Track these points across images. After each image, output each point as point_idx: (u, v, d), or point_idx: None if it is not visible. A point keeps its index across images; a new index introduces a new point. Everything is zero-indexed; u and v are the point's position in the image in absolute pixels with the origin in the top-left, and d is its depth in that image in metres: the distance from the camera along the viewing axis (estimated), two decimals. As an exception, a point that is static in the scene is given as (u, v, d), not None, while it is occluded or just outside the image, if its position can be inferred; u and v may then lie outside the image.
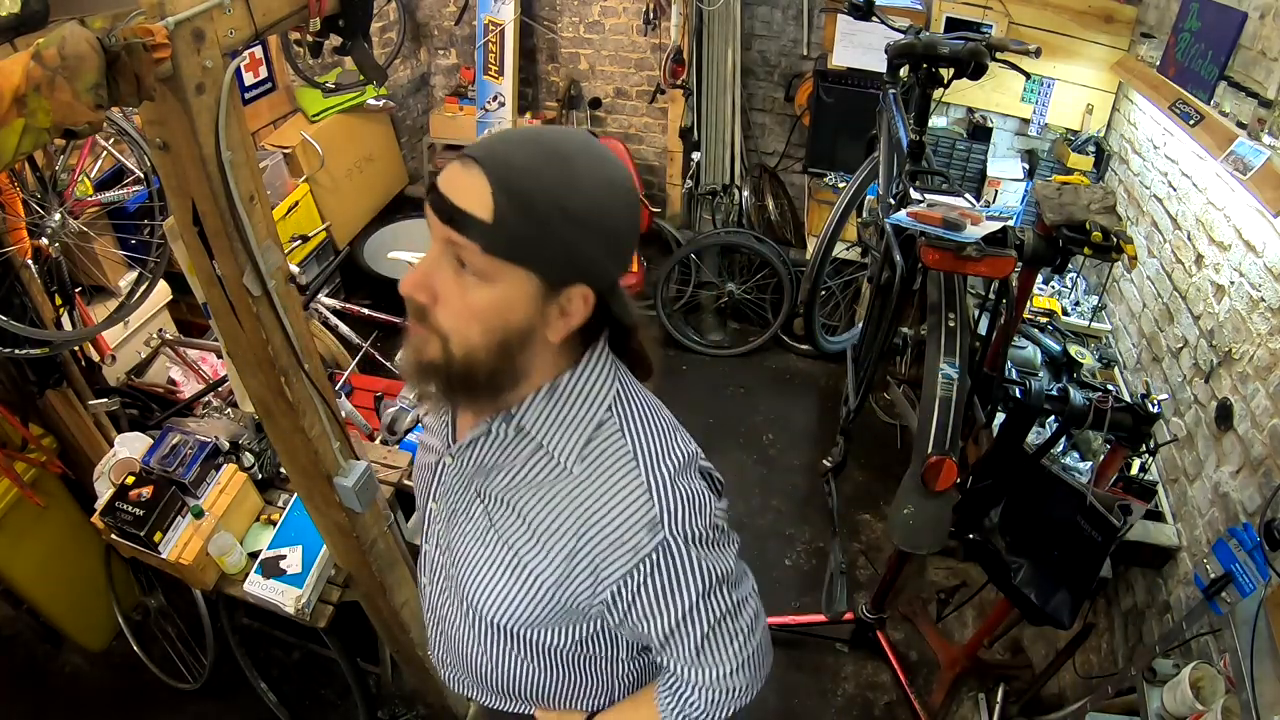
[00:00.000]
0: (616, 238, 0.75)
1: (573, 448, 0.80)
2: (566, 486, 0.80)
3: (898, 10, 2.83)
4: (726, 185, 3.71)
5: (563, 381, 0.81)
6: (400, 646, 1.86)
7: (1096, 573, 1.61)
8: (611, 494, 0.78)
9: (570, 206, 0.70)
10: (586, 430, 0.80)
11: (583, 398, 0.81)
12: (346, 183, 3.53)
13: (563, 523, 0.80)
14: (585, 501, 0.79)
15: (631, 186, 0.77)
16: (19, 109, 0.75)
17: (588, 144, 0.75)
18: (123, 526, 1.69)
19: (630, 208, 0.76)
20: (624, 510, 0.78)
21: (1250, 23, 1.87)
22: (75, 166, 2.03)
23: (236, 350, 1.19)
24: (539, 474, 0.82)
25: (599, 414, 0.81)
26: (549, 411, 0.81)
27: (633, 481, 0.78)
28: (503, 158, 0.70)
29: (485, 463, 0.86)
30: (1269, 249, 1.73)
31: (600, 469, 0.79)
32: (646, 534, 0.77)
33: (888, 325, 2.04)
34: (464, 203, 0.69)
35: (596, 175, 0.72)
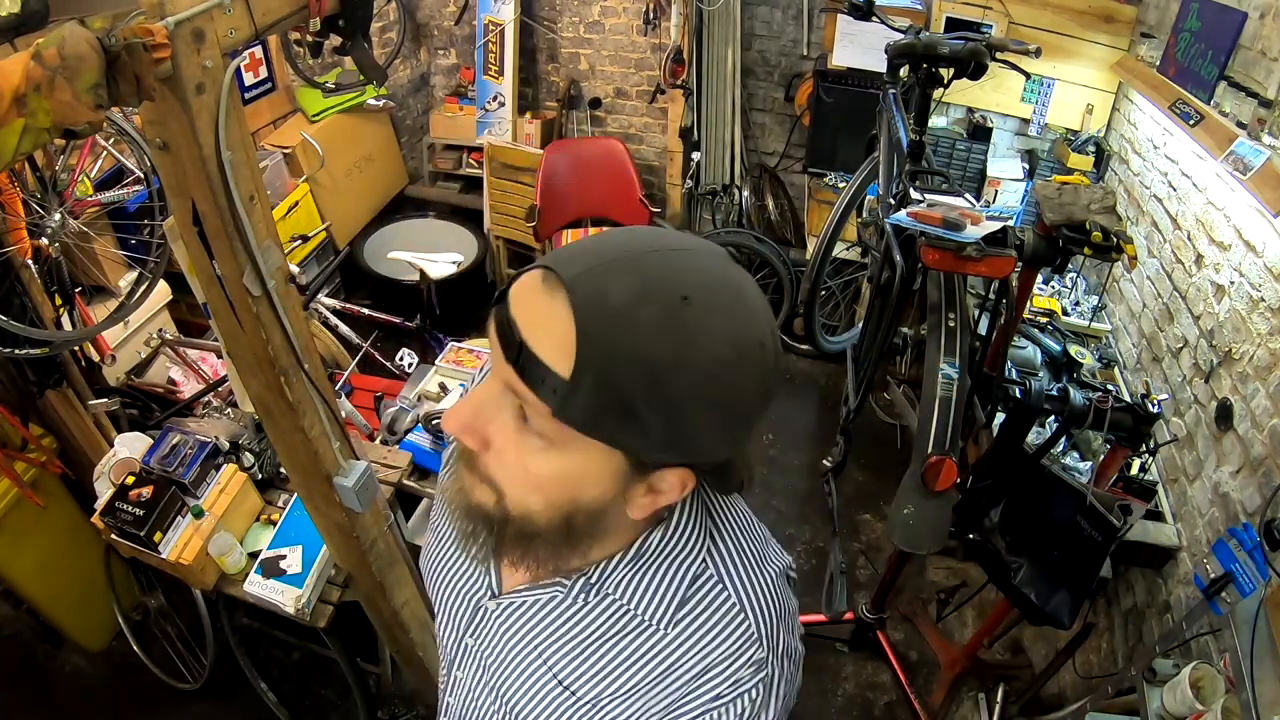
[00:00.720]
0: (741, 415, 0.57)
1: (668, 609, 0.68)
2: (663, 646, 0.69)
3: (898, 10, 2.83)
4: (726, 185, 3.71)
5: (651, 544, 0.68)
6: (400, 646, 1.86)
7: (1096, 573, 1.61)
8: (721, 647, 0.68)
9: (681, 378, 0.52)
10: (681, 589, 0.68)
11: (675, 558, 0.68)
12: (346, 183, 3.53)
13: (663, 680, 0.69)
14: (691, 658, 0.69)
15: (769, 341, 0.57)
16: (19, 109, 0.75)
17: (717, 276, 0.56)
18: (123, 526, 1.69)
19: (765, 373, 0.57)
20: (734, 659, 0.68)
21: (1250, 23, 1.87)
22: (75, 166, 2.03)
23: (236, 350, 1.19)
24: (627, 636, 0.70)
25: (693, 570, 0.69)
26: (635, 575, 0.68)
27: (744, 631, 0.68)
28: (597, 291, 0.52)
29: (550, 622, 0.73)
30: (1269, 249, 1.73)
31: (705, 624, 0.68)
32: (752, 672, 0.68)
33: (888, 325, 2.04)
34: (537, 344, 0.53)
35: (722, 331, 0.54)
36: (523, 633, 0.74)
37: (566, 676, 0.72)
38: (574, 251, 0.56)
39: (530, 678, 0.75)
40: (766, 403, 0.59)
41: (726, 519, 0.72)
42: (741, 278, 0.58)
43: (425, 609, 1.82)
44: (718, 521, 0.71)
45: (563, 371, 0.52)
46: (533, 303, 0.54)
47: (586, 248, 0.56)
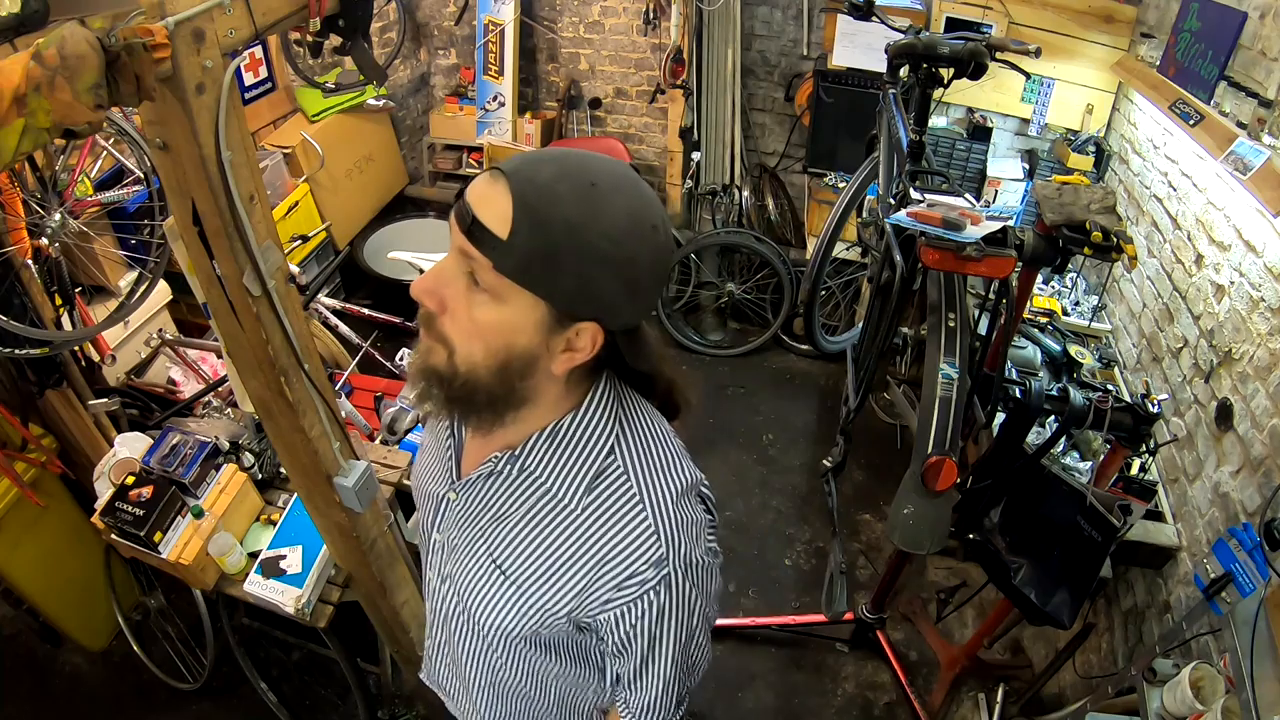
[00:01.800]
0: (635, 279, 0.72)
1: (578, 489, 0.81)
2: (574, 527, 0.81)
3: (898, 10, 2.83)
4: (726, 185, 3.71)
5: (565, 425, 0.82)
6: (400, 646, 1.86)
7: (1096, 573, 1.61)
8: (621, 535, 0.80)
9: (589, 238, 0.68)
10: (590, 472, 0.81)
11: (584, 441, 0.81)
12: (346, 183, 3.53)
13: (572, 562, 0.81)
14: (595, 542, 0.80)
15: (660, 226, 0.73)
16: (19, 109, 0.75)
17: (620, 175, 0.72)
18: (123, 526, 1.69)
19: (656, 250, 0.72)
20: (633, 550, 0.79)
21: (1250, 23, 1.87)
22: (75, 166, 2.03)
23: (236, 350, 1.19)
24: (545, 514, 0.83)
25: (601, 456, 0.81)
26: (552, 454, 0.82)
27: (641, 523, 0.79)
28: (528, 175, 0.68)
29: (490, 502, 0.87)
30: (1269, 249, 1.73)
31: (608, 511, 0.80)
32: (653, 570, 0.79)
33: (888, 325, 2.04)
34: (484, 216, 0.68)
35: (621, 208, 0.69)
36: (470, 518, 0.90)
37: (499, 556, 0.86)
38: (514, 157, 0.72)
39: (474, 560, 0.89)
40: (660, 281, 0.76)
41: (639, 425, 0.85)
42: (641, 183, 0.74)
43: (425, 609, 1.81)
44: (630, 423, 0.84)
45: (501, 233, 0.68)
46: (482, 189, 0.70)
47: (524, 156, 0.72)
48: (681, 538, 0.80)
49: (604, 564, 0.80)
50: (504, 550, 0.86)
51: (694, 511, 0.83)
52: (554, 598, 0.83)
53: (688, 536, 0.81)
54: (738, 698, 2.36)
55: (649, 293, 0.75)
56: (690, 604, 0.83)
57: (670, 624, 0.82)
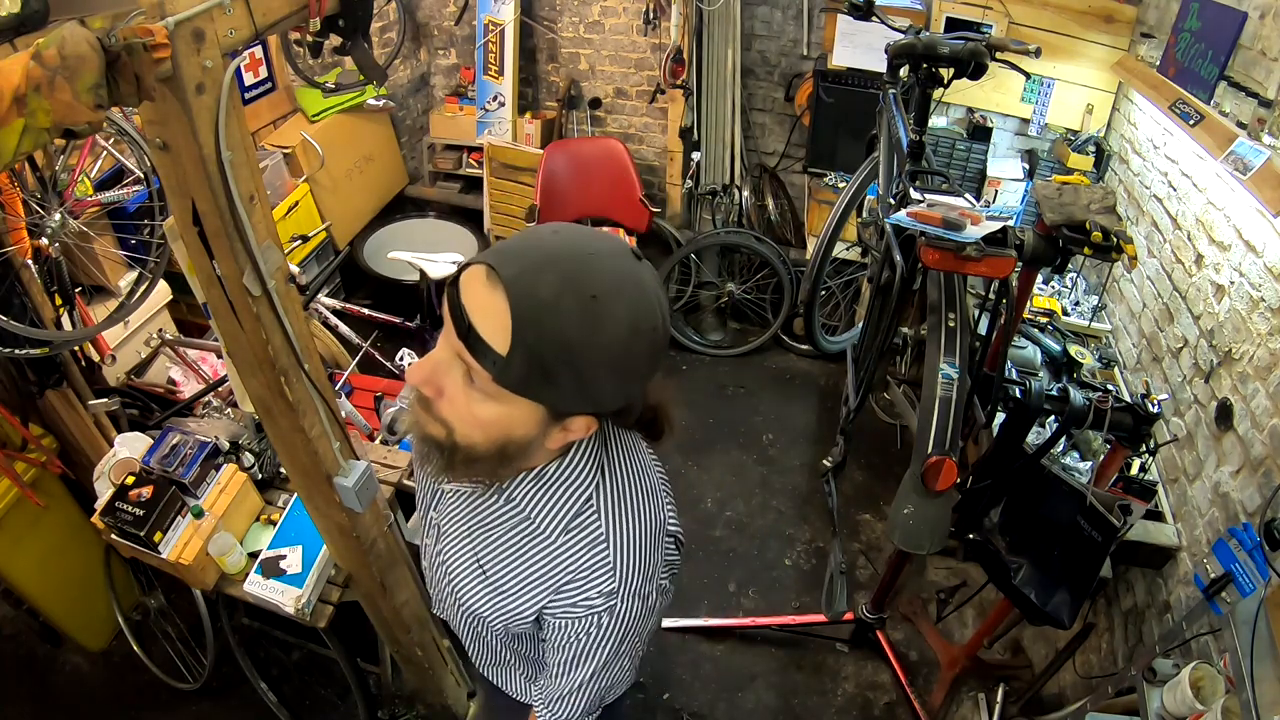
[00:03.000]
0: (635, 376, 0.78)
1: (557, 524, 0.89)
2: (548, 553, 0.90)
3: (898, 10, 2.83)
4: (726, 185, 3.71)
5: (550, 470, 0.88)
6: (400, 646, 1.86)
7: (1096, 573, 1.61)
8: (585, 567, 0.88)
9: (589, 354, 0.70)
10: (569, 513, 0.89)
11: (567, 486, 0.89)
12: (346, 183, 3.53)
13: (542, 580, 0.91)
14: (563, 568, 0.89)
15: (660, 325, 0.75)
16: (19, 109, 0.75)
17: (623, 276, 0.72)
18: (123, 526, 1.69)
19: (652, 348, 0.76)
20: (592, 580, 0.88)
21: (1250, 23, 1.87)
22: (75, 166, 2.03)
23: (236, 350, 1.19)
24: (524, 538, 0.92)
25: (580, 500, 0.89)
26: (536, 492, 0.89)
27: (602, 562, 0.88)
28: (529, 288, 0.68)
29: (477, 511, 0.96)
30: (1269, 249, 1.73)
31: (577, 546, 0.88)
32: (603, 600, 0.88)
33: (888, 325, 2.04)
34: (482, 327, 0.70)
35: (622, 320, 0.71)
36: (459, 516, 0.98)
37: (481, 557, 0.96)
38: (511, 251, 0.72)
39: (460, 553, 0.98)
40: (656, 366, 0.80)
41: (621, 469, 0.92)
42: (641, 272, 0.75)
43: (425, 608, 1.82)
44: (611, 466, 0.91)
45: (501, 349, 0.69)
46: (479, 293, 0.71)
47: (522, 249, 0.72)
48: (635, 576, 0.89)
49: (566, 586, 0.89)
50: (486, 554, 0.95)
51: (653, 554, 0.92)
52: (522, 603, 0.93)
53: (641, 575, 0.90)
54: (738, 698, 2.36)
55: (643, 384, 0.82)
56: (625, 632, 0.91)
57: (603, 642, 0.91)
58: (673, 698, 2.35)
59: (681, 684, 2.38)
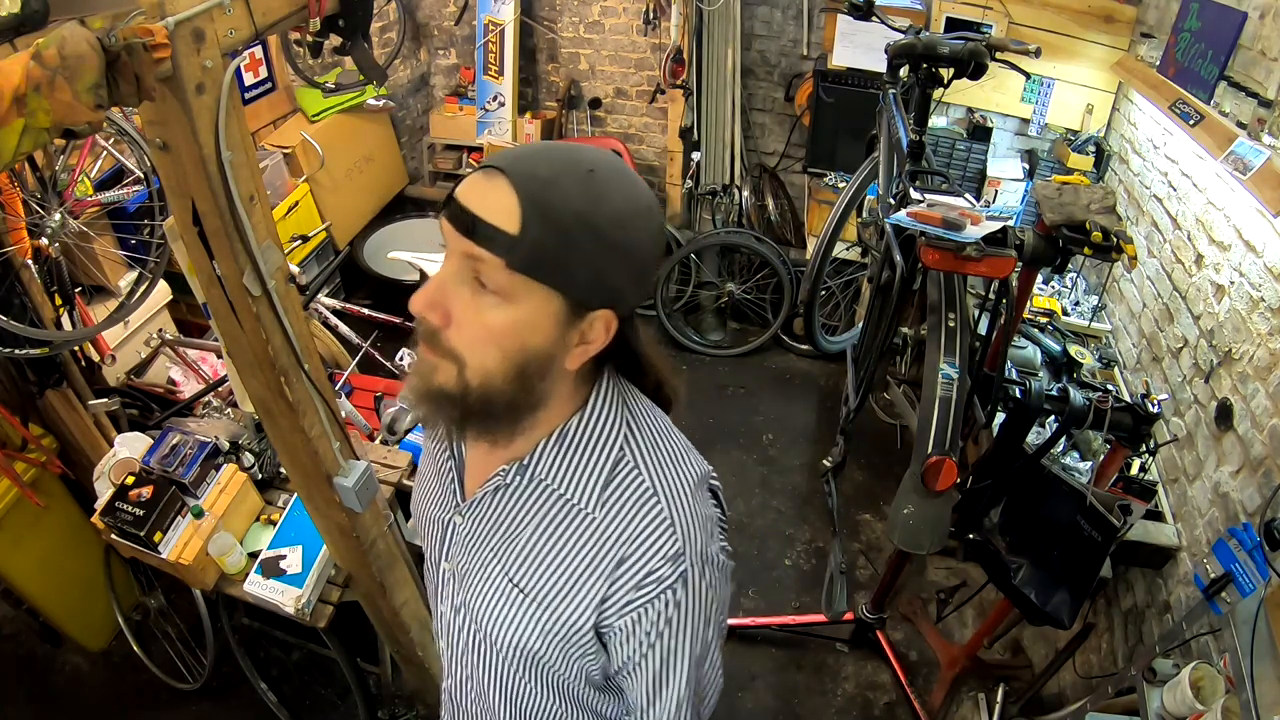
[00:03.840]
0: (642, 262, 0.72)
1: (592, 490, 0.78)
2: (591, 529, 0.78)
3: (898, 10, 2.83)
4: (726, 185, 3.71)
5: (572, 426, 0.79)
6: (400, 646, 1.86)
7: (1096, 573, 1.61)
8: (639, 532, 0.77)
9: (598, 224, 0.67)
10: (604, 471, 0.78)
11: (594, 440, 0.79)
12: (346, 183, 3.53)
13: (592, 567, 0.78)
14: (613, 542, 0.77)
15: (654, 208, 0.73)
16: (19, 109, 0.75)
17: (610, 161, 0.71)
18: (123, 526, 1.69)
19: (654, 232, 0.73)
20: (651, 546, 0.76)
21: (1250, 23, 1.87)
22: (75, 166, 2.03)
23: (236, 350, 1.19)
24: (560, 521, 0.80)
25: (613, 454, 0.78)
26: (562, 457, 0.79)
27: (657, 517, 0.77)
28: (527, 168, 0.66)
29: (500, 519, 0.83)
30: (1269, 249, 1.73)
31: (624, 508, 0.77)
32: (670, 566, 0.76)
33: (888, 325, 2.04)
34: (487, 214, 0.65)
35: (620, 194, 0.69)
36: (480, 539, 0.85)
37: (515, 573, 0.82)
38: (501, 153, 0.70)
39: (488, 583, 0.84)
40: (659, 258, 0.75)
41: (646, 419, 0.82)
42: (627, 167, 0.74)
43: (425, 609, 1.82)
44: (636, 418, 0.81)
45: (511, 229, 0.65)
46: (479, 189, 0.67)
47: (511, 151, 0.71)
48: (697, 532, 0.78)
49: (623, 563, 0.77)
50: (520, 567, 0.82)
51: (707, 506, 0.81)
52: (577, 608, 0.79)
53: (703, 531, 0.79)
54: (738, 698, 2.36)
55: (650, 275, 0.76)
56: (706, 606, 0.80)
57: (686, 630, 0.79)
58: (673, 698, 2.35)
59: (681, 684, 2.38)
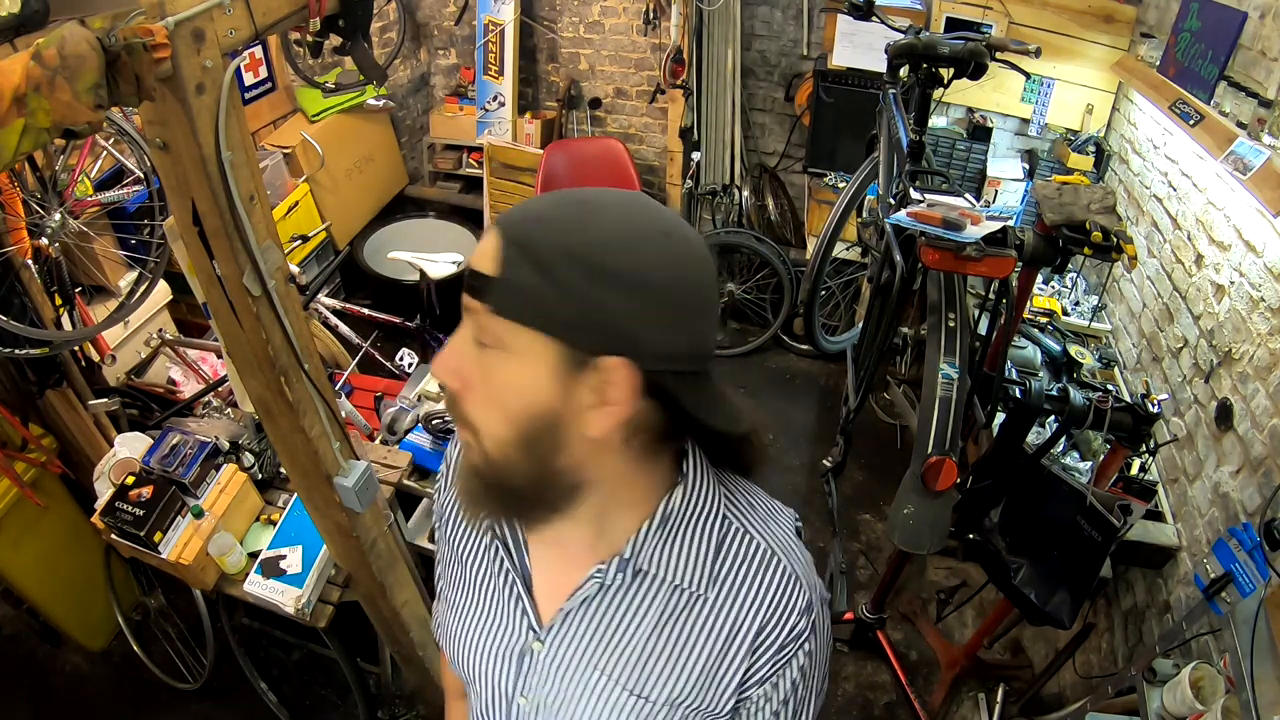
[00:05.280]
0: (660, 296, 0.58)
1: (705, 568, 0.70)
2: (714, 611, 0.70)
3: (898, 10, 2.83)
4: (726, 185, 3.71)
5: (675, 507, 0.70)
6: (400, 646, 1.86)
7: (1096, 573, 1.61)
8: (772, 596, 0.70)
9: (583, 251, 0.57)
10: (712, 545, 0.71)
11: (699, 518, 0.71)
12: (346, 183, 3.53)
13: (729, 647, 0.70)
14: (747, 614, 0.70)
15: (675, 233, 0.61)
16: (19, 109, 0.75)
17: (617, 192, 0.63)
18: (123, 526, 1.69)
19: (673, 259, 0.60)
20: (790, 606, 0.70)
21: (1250, 23, 1.87)
22: (75, 166, 2.03)
23: (236, 350, 1.19)
24: (678, 612, 0.71)
25: (719, 526, 0.71)
26: (668, 542, 0.70)
27: (784, 576, 0.71)
28: (518, 214, 0.62)
29: (601, 627, 0.72)
30: (1269, 249, 1.73)
31: (747, 578, 0.71)
32: (805, 621, 0.71)
33: (888, 325, 2.04)
34: (475, 262, 0.61)
35: (614, 217, 0.60)
36: (579, 656, 0.73)
37: (636, 683, 0.72)
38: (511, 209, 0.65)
39: (600, 700, 0.73)
40: (698, 299, 0.61)
41: (731, 481, 0.75)
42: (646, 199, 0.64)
43: (425, 608, 1.82)
44: (726, 480, 0.74)
45: (492, 271, 0.59)
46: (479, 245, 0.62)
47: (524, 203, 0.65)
48: (815, 577, 0.74)
49: (762, 632, 0.70)
50: (640, 674, 0.72)
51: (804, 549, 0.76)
52: (719, 695, 0.71)
53: (815, 574, 0.74)
54: (738, 698, 2.36)
55: (685, 315, 0.60)
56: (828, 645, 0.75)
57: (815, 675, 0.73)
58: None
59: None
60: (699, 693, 0.71)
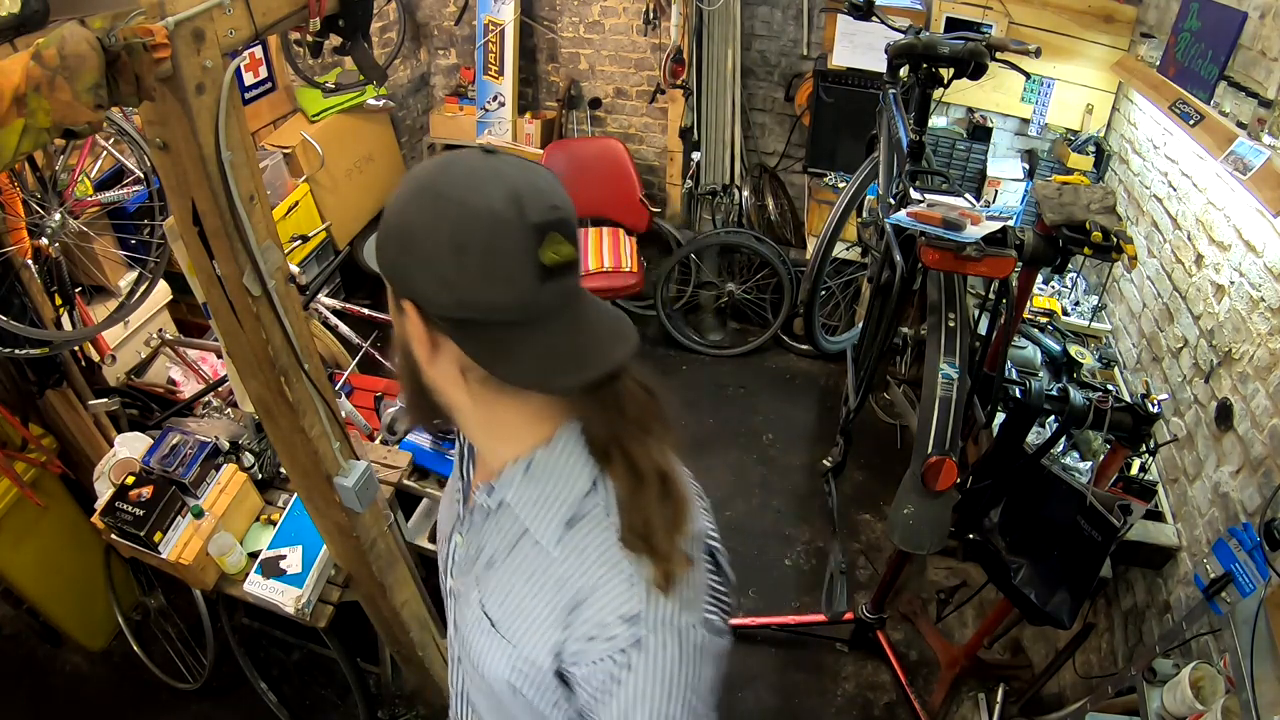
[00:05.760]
0: (426, 255, 0.64)
1: (553, 529, 0.74)
2: (550, 569, 0.74)
3: (898, 10, 2.83)
4: (726, 185, 3.71)
5: (537, 457, 0.75)
6: (400, 646, 1.86)
7: (1096, 573, 1.61)
8: (595, 582, 0.71)
9: (389, 213, 0.67)
10: (566, 510, 0.74)
11: (559, 475, 0.74)
12: (346, 183, 3.52)
13: (549, 607, 0.73)
14: (569, 585, 0.72)
15: (453, 195, 0.64)
16: (19, 109, 0.75)
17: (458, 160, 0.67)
18: (123, 526, 1.69)
19: (436, 217, 0.64)
20: (606, 601, 0.70)
21: (1250, 23, 1.87)
22: (75, 166, 2.03)
23: (236, 350, 1.19)
24: (525, 557, 0.76)
25: (580, 493, 0.73)
26: (527, 488, 0.75)
27: (618, 571, 0.70)
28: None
29: (483, 545, 0.81)
30: (1269, 249, 1.73)
31: (585, 554, 0.72)
32: (625, 628, 0.69)
33: (888, 325, 2.04)
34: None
35: (413, 181, 0.66)
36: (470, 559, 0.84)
37: (488, 603, 0.79)
38: None
39: (470, 608, 0.82)
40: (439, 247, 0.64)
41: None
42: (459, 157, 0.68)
43: (425, 609, 1.82)
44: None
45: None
46: None
47: None
48: (664, 600, 0.69)
49: (578, 609, 0.71)
50: (492, 598, 0.79)
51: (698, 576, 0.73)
52: (538, 649, 0.74)
53: (674, 600, 0.69)
54: (738, 698, 2.36)
55: (447, 269, 0.64)
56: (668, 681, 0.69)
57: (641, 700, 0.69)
58: (673, 698, 2.35)
59: (681, 684, 2.38)
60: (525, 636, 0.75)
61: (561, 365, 0.67)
